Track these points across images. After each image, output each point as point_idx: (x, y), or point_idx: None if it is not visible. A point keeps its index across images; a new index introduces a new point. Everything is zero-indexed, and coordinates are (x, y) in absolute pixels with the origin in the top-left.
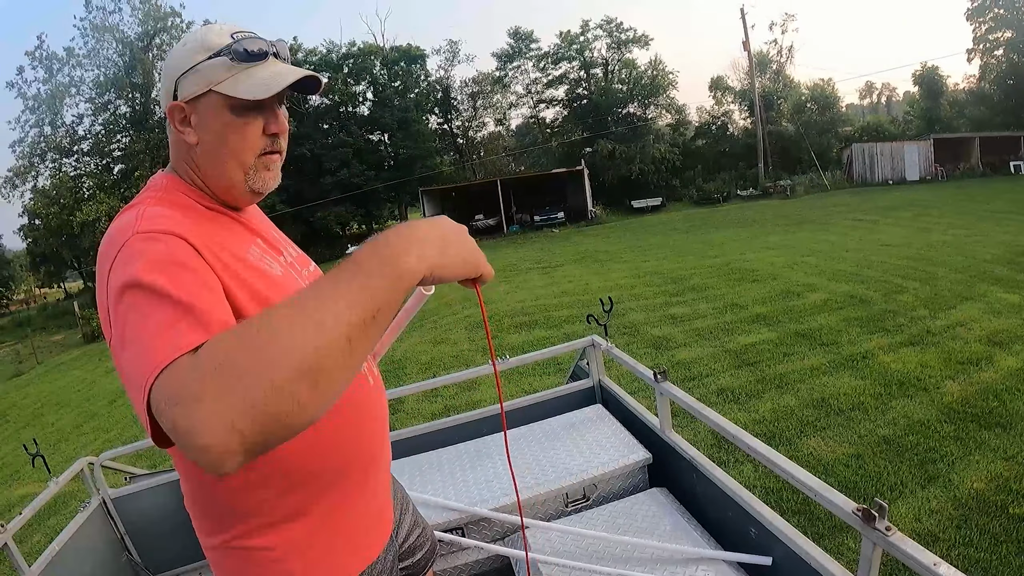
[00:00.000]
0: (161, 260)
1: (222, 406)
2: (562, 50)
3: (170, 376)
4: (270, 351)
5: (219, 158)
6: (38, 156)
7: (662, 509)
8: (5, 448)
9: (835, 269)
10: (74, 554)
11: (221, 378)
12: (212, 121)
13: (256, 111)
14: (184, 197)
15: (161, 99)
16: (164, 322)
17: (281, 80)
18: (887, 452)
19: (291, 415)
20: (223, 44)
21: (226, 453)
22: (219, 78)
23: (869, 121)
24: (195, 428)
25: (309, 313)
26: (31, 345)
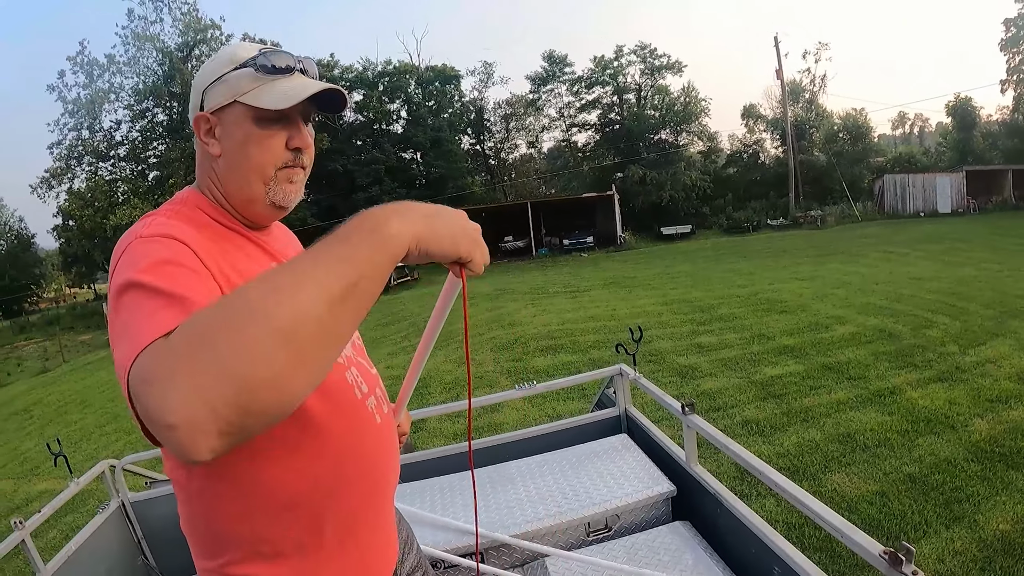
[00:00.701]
0: (157, 260)
1: (196, 381)
2: (596, 75)
3: (145, 357)
4: (245, 320)
5: (240, 170)
6: (75, 159)
7: (685, 543)
8: (28, 443)
9: (864, 302)
10: (90, 555)
11: (195, 352)
12: (235, 132)
13: (279, 124)
14: (201, 214)
15: (189, 112)
16: (150, 312)
17: (302, 91)
18: (912, 490)
19: (270, 387)
20: (248, 57)
21: (199, 433)
22: (244, 89)
23: (901, 152)
24: (166, 406)
25: (286, 281)
26: (58, 343)
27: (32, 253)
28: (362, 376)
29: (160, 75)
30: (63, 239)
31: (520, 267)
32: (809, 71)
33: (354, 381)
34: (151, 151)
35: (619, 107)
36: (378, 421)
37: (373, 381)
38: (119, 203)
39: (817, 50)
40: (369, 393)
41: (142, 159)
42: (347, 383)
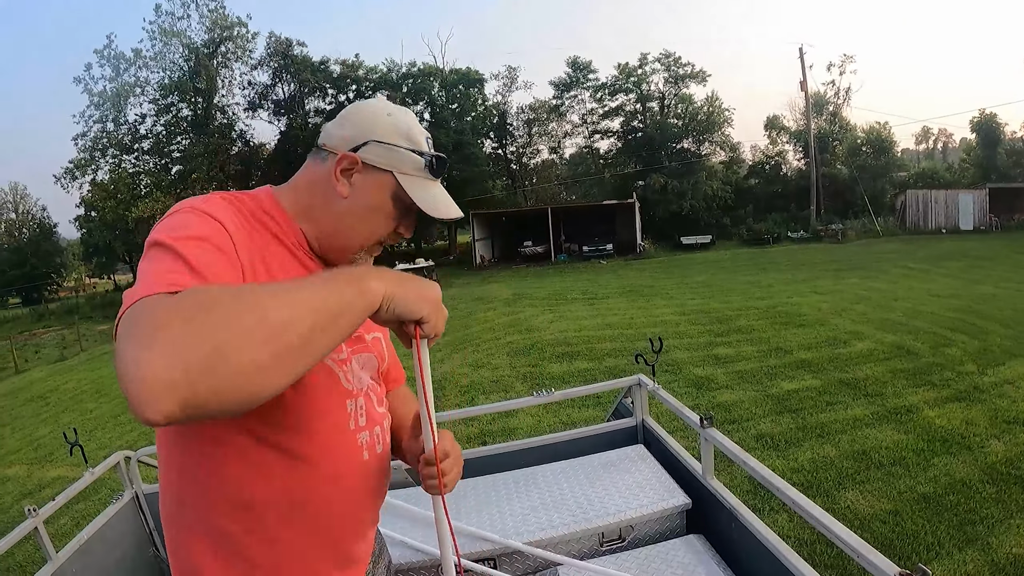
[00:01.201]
0: (193, 234)
1: (184, 342)
2: (619, 82)
3: (145, 303)
4: (248, 311)
5: (351, 224)
6: (99, 151)
7: (698, 557)
8: (43, 429)
9: (883, 318)
10: (102, 544)
11: (193, 317)
12: (373, 194)
13: (405, 212)
14: (267, 218)
15: (334, 137)
16: (166, 271)
17: (451, 212)
18: (926, 510)
19: (245, 375)
20: (422, 147)
21: (165, 392)
22: (404, 170)
23: (924, 167)
24: (147, 356)
25: (290, 294)
26: (77, 332)
27: (54, 242)
28: (366, 409)
29: (186, 70)
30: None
31: (539, 272)
32: (834, 83)
33: (354, 411)
34: (175, 145)
35: (642, 115)
36: (365, 457)
37: (376, 419)
38: (141, 196)
39: (842, 62)
40: (365, 428)
41: (165, 153)
42: (346, 411)
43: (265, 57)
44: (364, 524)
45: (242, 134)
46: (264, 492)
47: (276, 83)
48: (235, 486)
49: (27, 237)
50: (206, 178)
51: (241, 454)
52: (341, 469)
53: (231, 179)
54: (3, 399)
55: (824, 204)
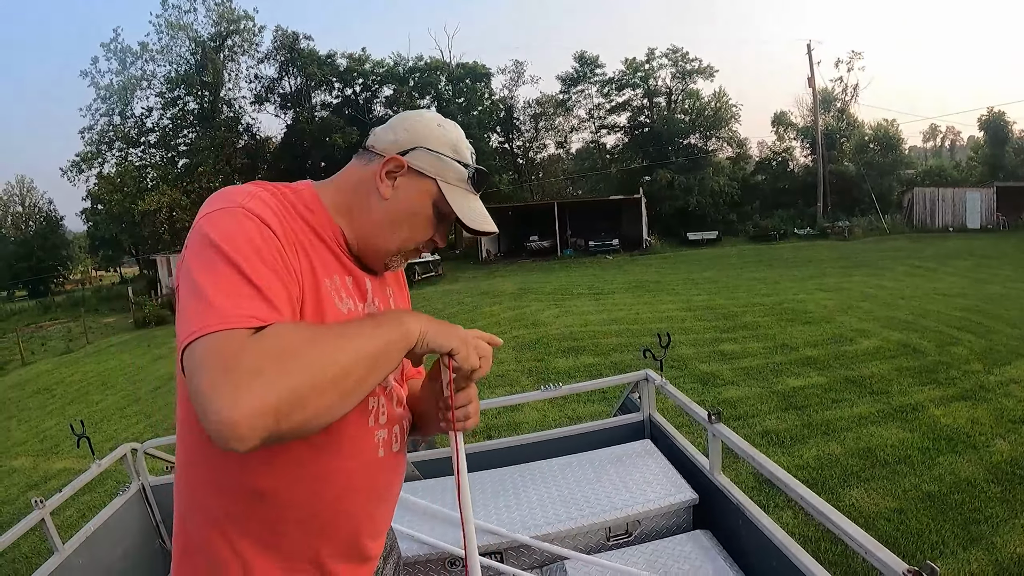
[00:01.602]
0: (251, 244)
1: (275, 386)
2: (626, 77)
3: (224, 342)
4: (321, 357)
5: (392, 228)
6: (106, 144)
7: (705, 553)
8: (49, 421)
9: (889, 316)
10: (108, 536)
11: (280, 362)
12: (414, 199)
13: (442, 220)
14: (308, 212)
15: (384, 140)
16: (235, 294)
17: (488, 226)
18: (930, 509)
19: (319, 416)
20: (467, 159)
21: (256, 430)
22: (448, 179)
23: (932, 165)
24: (239, 399)
25: (350, 342)
26: (83, 325)
27: (60, 235)
28: (386, 407)
29: (192, 64)
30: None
31: (545, 267)
32: (842, 80)
33: (374, 409)
34: (181, 139)
35: (649, 110)
36: (381, 455)
37: (395, 417)
38: (148, 189)
39: (850, 59)
40: (385, 425)
41: (172, 146)
42: (366, 407)
43: (272, 51)
44: (376, 522)
45: (248, 127)
46: (278, 484)
47: (282, 77)
48: (252, 476)
49: (34, 230)
50: (212, 171)
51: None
52: (356, 465)
53: (237, 172)
54: (10, 391)
55: (831, 201)
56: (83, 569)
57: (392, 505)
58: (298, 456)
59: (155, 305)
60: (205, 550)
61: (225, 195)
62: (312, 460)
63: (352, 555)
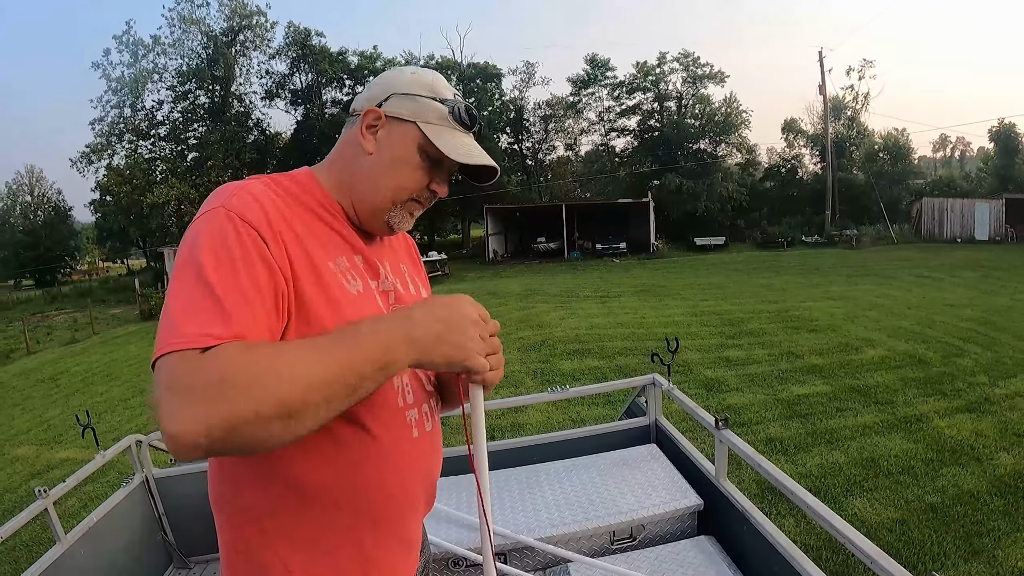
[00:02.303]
0: (222, 246)
1: (208, 410)
2: (637, 80)
3: (176, 362)
4: (264, 388)
5: (379, 180)
6: (116, 136)
7: (708, 559)
8: (53, 411)
9: (896, 326)
10: (110, 528)
11: (218, 388)
12: (398, 147)
13: (435, 166)
14: (305, 195)
15: (360, 100)
16: (196, 309)
17: (480, 157)
18: (933, 521)
19: (258, 441)
20: (447, 97)
21: (191, 447)
22: (429, 119)
23: (941, 175)
24: (176, 416)
25: (308, 366)
26: (89, 315)
27: (68, 225)
28: (412, 386)
29: (204, 58)
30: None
31: (551, 269)
32: (852, 88)
33: (401, 388)
34: (191, 132)
35: (659, 114)
36: (415, 435)
37: (423, 396)
38: (157, 181)
39: (861, 67)
40: (414, 405)
41: (182, 140)
42: (393, 387)
43: (283, 47)
44: (417, 504)
45: (259, 123)
46: (316, 475)
47: (294, 73)
48: (288, 468)
49: (42, 220)
50: (222, 165)
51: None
52: (392, 448)
53: (246, 167)
54: (14, 380)
55: (839, 209)
56: (85, 560)
57: (433, 485)
58: (334, 443)
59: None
60: (245, 552)
61: (215, 195)
62: (348, 446)
63: (398, 541)
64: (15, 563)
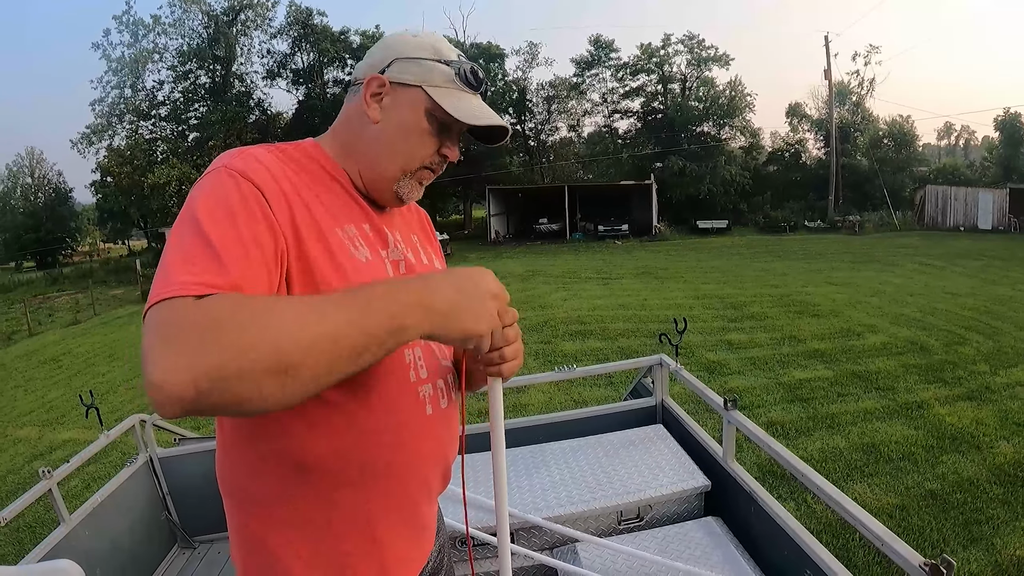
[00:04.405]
0: (222, 202)
1: (197, 360)
2: (641, 62)
3: (167, 309)
4: (260, 338)
5: (387, 148)
6: (116, 116)
7: (715, 539)
8: (55, 392)
9: (898, 312)
10: (115, 507)
11: (211, 334)
12: (405, 113)
13: (444, 130)
14: (314, 163)
15: (362, 67)
16: (190, 257)
17: (490, 117)
18: (932, 507)
19: (247, 400)
20: (452, 59)
21: (175, 400)
22: (434, 82)
23: (945, 164)
24: (160, 364)
25: (309, 324)
26: (90, 296)
27: (69, 207)
28: (425, 360)
29: (205, 38)
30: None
31: (553, 250)
32: (858, 73)
33: (413, 361)
34: (192, 112)
35: (663, 96)
36: (429, 412)
37: (439, 371)
38: (158, 162)
39: (867, 53)
40: (427, 380)
41: (183, 120)
42: (404, 361)
43: (285, 26)
44: (430, 486)
45: (260, 103)
46: (322, 455)
47: (295, 52)
48: (294, 448)
49: (42, 201)
50: (223, 145)
51: (298, 413)
52: (402, 426)
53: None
54: (16, 361)
55: (843, 195)
56: (89, 539)
57: (448, 466)
58: (340, 422)
59: None
60: (254, 536)
61: (218, 159)
62: (355, 424)
63: (410, 524)
64: (19, 543)
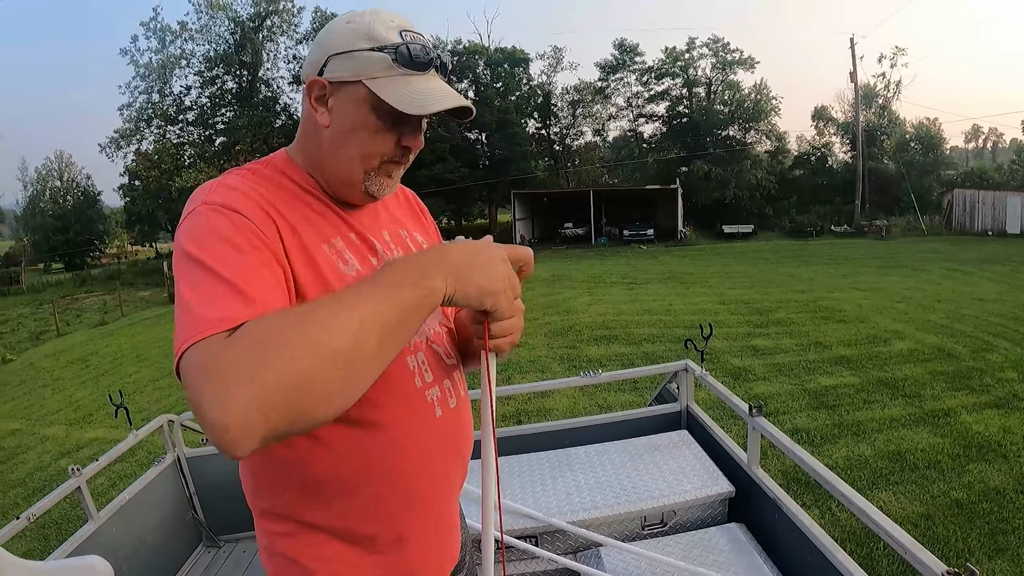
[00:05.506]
0: (216, 237)
1: (251, 386)
2: (666, 66)
3: (204, 350)
4: (305, 342)
5: (343, 151)
6: (144, 121)
7: (739, 546)
8: (82, 391)
9: (925, 319)
10: (142, 505)
11: (255, 359)
12: (351, 113)
13: (398, 121)
14: (284, 178)
15: (305, 68)
16: (210, 297)
17: (436, 103)
18: (958, 517)
19: (314, 407)
20: (390, 41)
21: (248, 436)
22: (373, 74)
23: (973, 167)
24: (219, 404)
25: (346, 316)
26: (118, 298)
27: (97, 210)
28: (429, 363)
29: (231, 44)
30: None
31: (578, 255)
32: (884, 76)
33: (417, 368)
34: (219, 117)
35: (688, 100)
36: (438, 414)
37: (444, 371)
38: (185, 166)
39: (893, 55)
40: (433, 383)
41: (210, 124)
42: (408, 369)
43: (310, 31)
44: (451, 482)
45: (286, 107)
46: (338, 468)
47: None
48: (308, 465)
49: (71, 204)
50: (249, 150)
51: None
52: (414, 431)
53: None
54: (45, 361)
55: (869, 199)
56: (116, 536)
57: (465, 461)
58: (349, 435)
59: None
60: (279, 546)
61: (192, 198)
62: (367, 436)
63: (435, 523)
64: (44, 539)
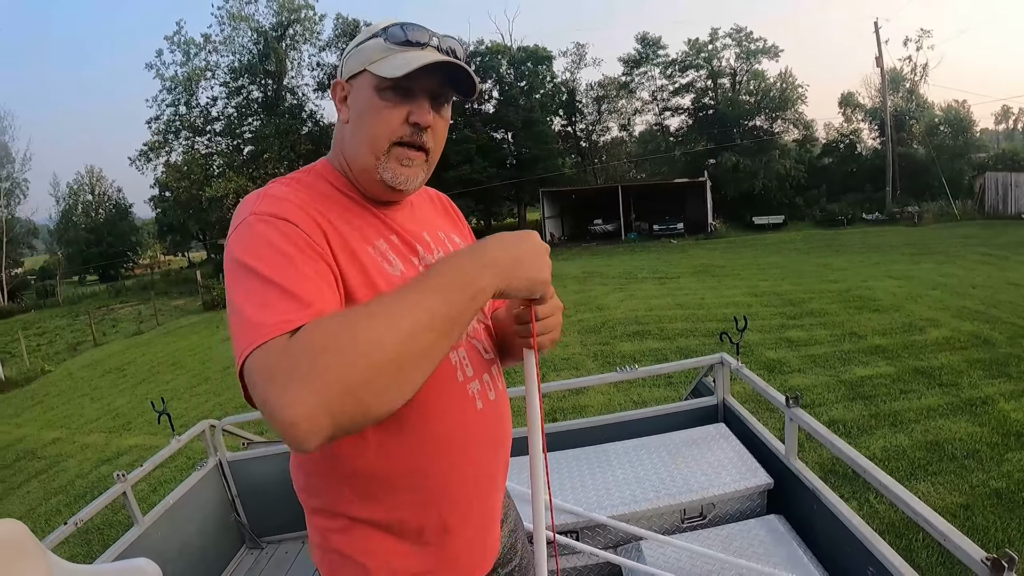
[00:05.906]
0: (266, 245)
1: (318, 385)
2: (690, 58)
3: (268, 354)
4: (364, 342)
5: (357, 137)
6: (172, 133)
7: (779, 537)
8: (120, 400)
9: (960, 306)
10: (186, 509)
11: (317, 361)
12: (359, 99)
13: (402, 98)
14: (325, 184)
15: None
16: (266, 302)
17: (416, 61)
18: (997, 506)
19: (378, 403)
20: (383, 28)
21: (315, 432)
22: (373, 58)
23: (1004, 148)
24: (286, 402)
25: (402, 314)
26: (153, 307)
27: (129, 222)
28: (469, 358)
29: (255, 54)
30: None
31: (609, 251)
32: (910, 59)
33: (458, 363)
34: (246, 127)
35: (713, 91)
36: (479, 407)
37: (483, 365)
38: (214, 176)
39: (919, 38)
40: (474, 376)
41: (237, 134)
42: (450, 364)
43: (333, 38)
44: (494, 474)
45: (312, 114)
46: (384, 463)
47: None
48: (354, 461)
49: (104, 217)
50: (277, 158)
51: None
52: (457, 424)
53: (302, 158)
54: (83, 371)
55: (900, 185)
56: (161, 540)
57: (506, 453)
58: (397, 430)
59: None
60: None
61: (239, 210)
62: (413, 432)
63: (480, 514)
64: (87, 544)
